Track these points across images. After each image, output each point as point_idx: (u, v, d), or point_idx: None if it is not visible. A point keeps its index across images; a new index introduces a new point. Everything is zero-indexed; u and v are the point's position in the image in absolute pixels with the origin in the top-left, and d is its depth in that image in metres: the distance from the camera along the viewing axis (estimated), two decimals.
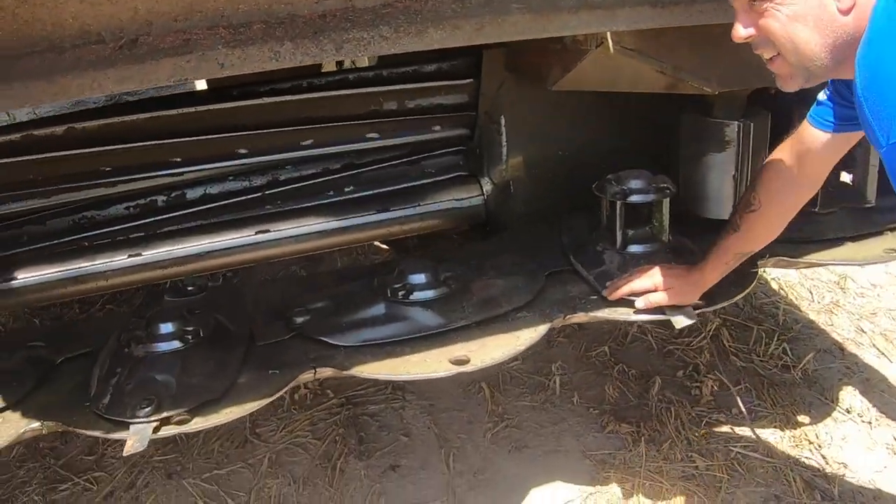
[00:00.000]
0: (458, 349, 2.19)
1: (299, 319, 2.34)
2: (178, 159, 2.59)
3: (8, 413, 2.09)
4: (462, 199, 2.84)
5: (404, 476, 2.86)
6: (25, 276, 2.52)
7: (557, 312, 2.33)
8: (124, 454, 1.89)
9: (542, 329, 2.27)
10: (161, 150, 2.54)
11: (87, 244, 2.63)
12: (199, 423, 2.01)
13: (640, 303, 2.26)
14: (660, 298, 2.24)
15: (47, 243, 2.60)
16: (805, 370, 3.26)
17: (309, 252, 2.85)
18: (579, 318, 2.35)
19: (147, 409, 1.97)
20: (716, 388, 3.14)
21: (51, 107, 4.91)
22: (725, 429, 2.99)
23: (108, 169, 2.52)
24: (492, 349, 2.19)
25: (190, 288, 2.55)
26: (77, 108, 2.68)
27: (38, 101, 1.65)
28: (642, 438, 2.92)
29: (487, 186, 2.85)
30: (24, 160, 2.39)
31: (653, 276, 2.27)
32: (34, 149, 2.39)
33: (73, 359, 2.31)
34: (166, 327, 2.22)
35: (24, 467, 2.95)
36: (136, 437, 1.94)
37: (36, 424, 2.05)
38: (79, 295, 2.65)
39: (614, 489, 2.74)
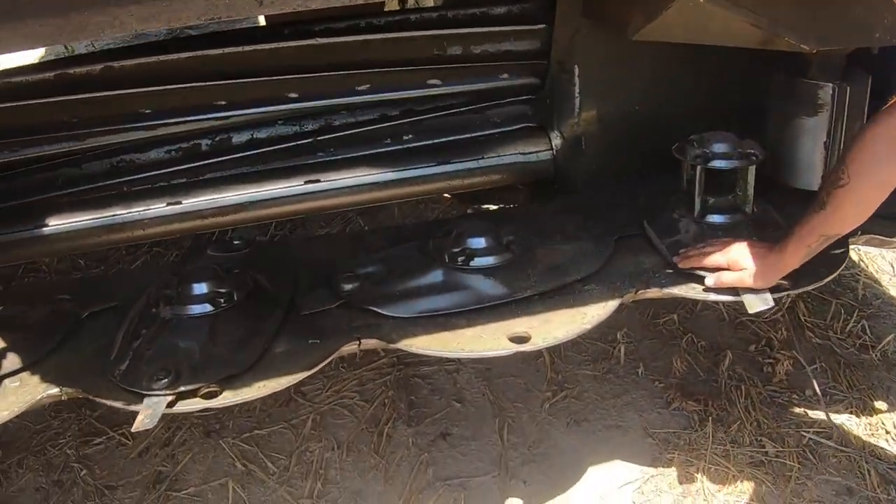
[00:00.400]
0: (519, 324, 1.97)
1: (347, 286, 2.12)
2: (224, 102, 2.37)
3: (27, 375, 1.92)
4: (529, 153, 2.59)
5: (454, 446, 2.65)
6: (58, 223, 2.32)
7: (628, 286, 2.08)
8: (132, 430, 1.72)
9: (610, 305, 2.03)
10: (205, 93, 2.32)
11: (124, 189, 2.43)
12: (222, 399, 1.81)
13: (709, 280, 2.01)
14: (732, 279, 1.98)
15: (82, 187, 2.40)
16: (884, 352, 2.97)
17: (362, 205, 2.64)
18: (652, 293, 2.10)
19: (163, 382, 1.79)
20: (789, 366, 2.88)
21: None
22: (798, 411, 2.73)
23: (147, 111, 2.31)
24: (555, 326, 1.95)
25: (236, 242, 2.34)
26: (115, 46, 2.46)
27: (53, 40, 1.43)
28: (710, 418, 2.67)
29: (557, 141, 2.58)
30: (59, 100, 2.20)
31: (728, 253, 2.01)
32: (69, 89, 2.19)
33: (100, 314, 2.13)
34: (199, 288, 2.01)
35: (58, 418, 2.80)
36: (147, 411, 1.76)
37: (55, 390, 1.88)
38: (114, 244, 2.47)
39: (677, 473, 2.51)
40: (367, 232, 2.72)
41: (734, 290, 2.00)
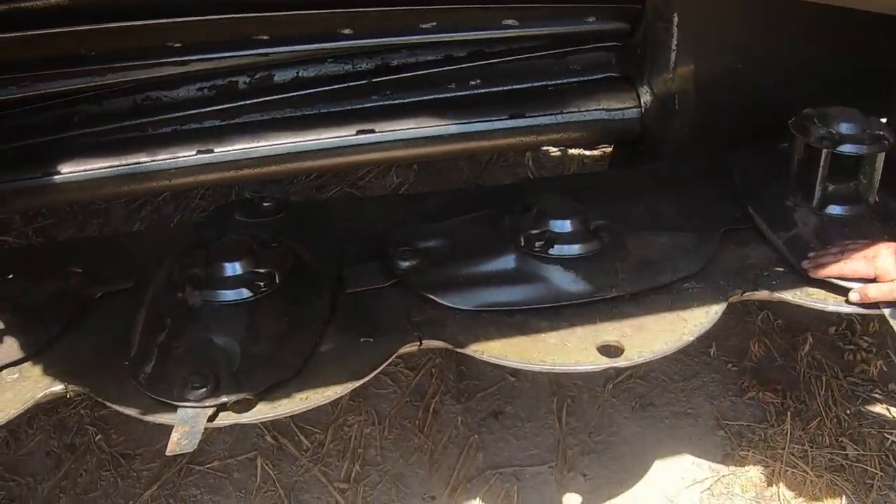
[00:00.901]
0: (608, 331, 1.64)
1: (404, 264, 1.79)
2: (266, 37, 1.99)
3: (27, 366, 1.60)
4: (614, 109, 2.21)
5: (507, 427, 2.35)
6: (72, 170, 1.98)
7: (733, 286, 1.74)
8: (168, 453, 1.40)
9: (715, 310, 1.69)
10: (245, 25, 1.95)
11: (149, 131, 2.08)
12: (262, 412, 1.50)
13: (854, 296, 1.65)
14: (881, 294, 1.63)
15: (102, 128, 2.05)
16: None
17: (420, 159, 2.28)
18: (761, 295, 1.76)
19: (201, 391, 1.47)
20: (871, 355, 2.56)
21: None
22: (880, 409, 2.42)
23: (177, 45, 1.94)
24: (652, 336, 1.62)
25: (266, 204, 1.99)
26: None
27: None
28: (788, 412, 2.36)
29: (646, 97, 2.21)
30: (76, 30, 1.83)
31: (875, 260, 1.65)
32: (88, 17, 1.82)
33: (116, 294, 1.79)
34: (233, 268, 1.68)
35: None
36: (184, 428, 1.44)
37: (59, 387, 1.56)
38: (134, 195, 2.14)
39: (751, 473, 2.21)
40: (427, 195, 2.34)
41: (876, 304, 1.66)
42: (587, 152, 3.20)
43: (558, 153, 3.22)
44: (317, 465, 2.26)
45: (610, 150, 2.57)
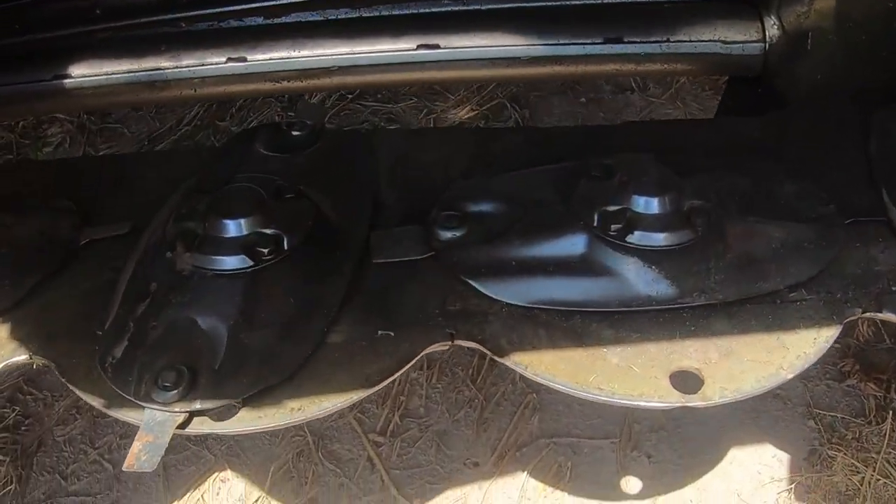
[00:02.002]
0: (686, 352, 1.24)
1: (446, 234, 1.40)
2: None
3: None
4: (732, 41, 1.72)
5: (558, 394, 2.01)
6: (86, 73, 1.63)
7: (852, 303, 1.30)
8: (125, 468, 1.12)
9: (825, 336, 1.26)
10: None
11: (182, 26, 1.70)
12: (243, 422, 1.18)
13: None
14: None
15: (126, 22, 1.68)
16: None
17: (492, 81, 1.85)
18: (886, 317, 1.34)
19: (172, 393, 1.16)
20: None
21: None
22: None
23: None
24: (740, 368, 1.21)
25: (296, 132, 1.60)
26: None
27: None
28: (890, 410, 1.96)
29: (773, 31, 1.71)
30: None
31: None
32: None
33: (103, 242, 1.46)
34: (235, 226, 1.31)
35: None
36: (147, 437, 1.15)
37: (23, 356, 1.28)
38: (154, 104, 1.78)
39: (837, 479, 1.84)
40: (491, 133, 1.91)
41: None
42: None
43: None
44: (352, 412, 1.98)
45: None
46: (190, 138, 2.71)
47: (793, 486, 1.85)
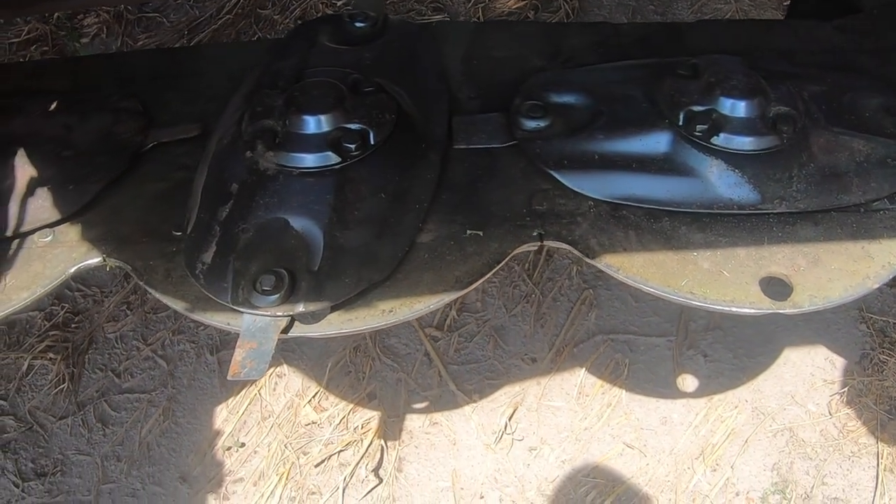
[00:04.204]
0: (777, 259, 1.27)
1: (530, 123, 1.40)
2: None
3: (63, 229, 1.32)
4: None
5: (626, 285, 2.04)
6: None
7: None
8: (229, 378, 1.11)
9: None
10: None
11: None
12: (333, 326, 1.18)
13: None
14: None
15: None
16: None
17: None
18: None
19: (274, 297, 1.16)
20: None
21: None
22: None
23: None
24: (827, 276, 1.25)
25: (359, 24, 1.58)
26: None
27: None
28: None
29: None
30: None
31: None
32: None
33: (171, 146, 1.45)
34: (317, 123, 1.31)
35: None
36: (250, 344, 1.15)
37: (96, 259, 1.29)
38: None
39: (888, 383, 1.89)
40: (561, 28, 1.87)
41: None
42: None
43: None
44: None
45: None
46: (231, 27, 2.68)
47: (845, 389, 1.90)
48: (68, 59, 2.53)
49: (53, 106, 1.50)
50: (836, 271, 1.26)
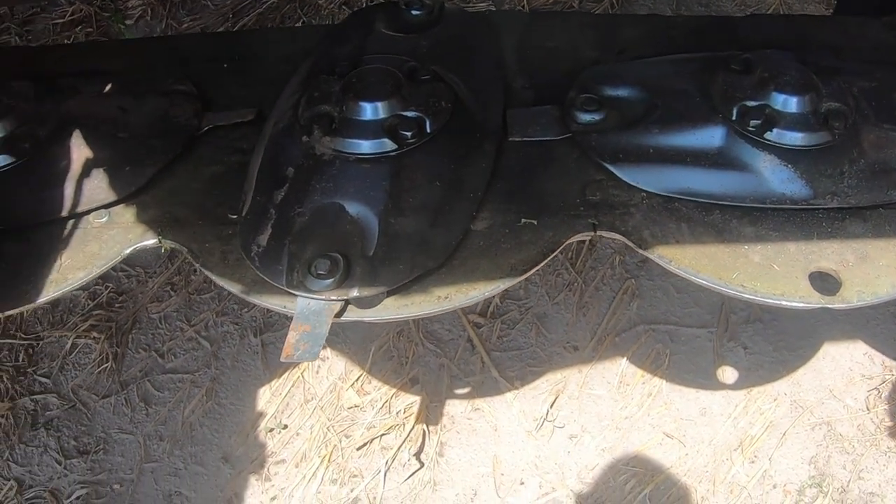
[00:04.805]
0: (824, 253, 1.29)
1: (585, 116, 1.43)
2: None
3: (119, 210, 1.37)
4: None
5: (669, 274, 2.07)
6: None
7: None
8: (282, 359, 1.15)
9: None
10: None
11: None
12: (388, 310, 1.22)
13: None
14: None
15: None
16: None
17: None
18: None
19: (329, 281, 1.19)
20: None
21: None
22: None
23: None
24: (876, 272, 1.27)
25: (415, 11, 1.61)
26: None
27: None
28: None
29: None
30: None
31: None
32: None
33: (226, 130, 1.49)
34: (374, 109, 1.35)
35: None
36: (304, 327, 1.18)
37: (152, 240, 1.33)
38: None
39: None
40: (614, 19, 1.90)
41: None
42: None
43: None
44: None
45: None
46: (276, 11, 2.71)
47: (883, 384, 1.92)
48: (123, 41, 2.58)
49: (109, 87, 1.54)
50: (883, 267, 1.28)
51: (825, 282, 1.27)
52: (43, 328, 2.17)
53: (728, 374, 1.95)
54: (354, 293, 1.20)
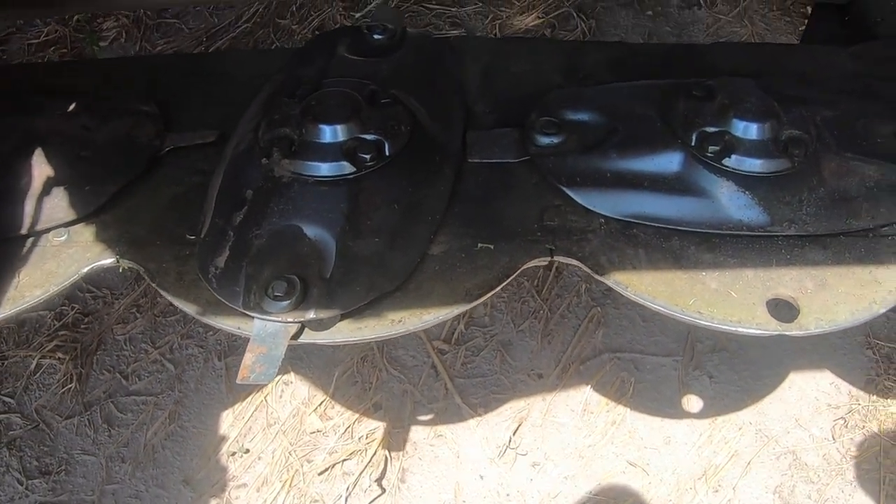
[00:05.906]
0: (784, 281, 1.28)
1: (543, 140, 1.42)
2: None
3: (78, 229, 1.35)
4: None
5: (635, 304, 2.03)
6: None
7: None
8: (238, 381, 1.12)
9: None
10: None
11: None
12: (342, 333, 1.21)
13: None
14: None
15: None
16: None
17: None
18: None
19: (285, 303, 1.17)
20: None
21: None
22: None
23: None
24: (834, 299, 1.26)
25: (377, 36, 1.61)
26: None
27: None
28: None
29: None
30: None
31: None
32: None
33: (187, 151, 1.48)
34: (332, 132, 1.34)
35: None
36: (260, 349, 1.16)
37: (109, 259, 1.31)
38: None
39: (892, 410, 1.90)
40: (579, 46, 1.90)
41: None
42: None
43: None
44: None
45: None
46: (249, 35, 2.71)
47: (849, 413, 1.91)
48: (88, 60, 2.57)
49: (73, 106, 1.53)
50: (843, 295, 1.27)
51: (783, 309, 1.26)
52: (8, 347, 2.14)
53: (693, 402, 1.93)
54: (311, 315, 1.18)
